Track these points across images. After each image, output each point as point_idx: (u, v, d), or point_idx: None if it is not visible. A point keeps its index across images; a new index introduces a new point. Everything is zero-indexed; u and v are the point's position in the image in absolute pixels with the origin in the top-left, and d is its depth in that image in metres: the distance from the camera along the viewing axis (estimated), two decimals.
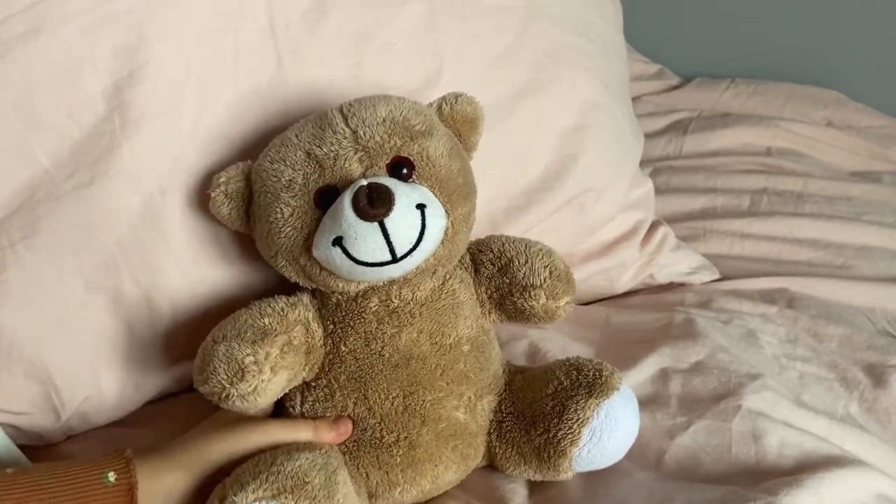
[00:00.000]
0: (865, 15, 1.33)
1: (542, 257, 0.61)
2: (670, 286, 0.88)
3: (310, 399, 0.59)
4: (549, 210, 0.79)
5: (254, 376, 0.54)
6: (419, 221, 0.54)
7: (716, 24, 1.41)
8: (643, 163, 0.91)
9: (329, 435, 0.58)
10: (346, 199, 0.53)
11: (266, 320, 0.56)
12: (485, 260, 0.62)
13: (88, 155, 0.63)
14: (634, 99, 1.19)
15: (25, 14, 0.61)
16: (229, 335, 0.55)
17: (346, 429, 0.59)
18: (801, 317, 0.81)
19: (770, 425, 0.63)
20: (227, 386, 0.54)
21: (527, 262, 0.61)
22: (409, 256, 0.54)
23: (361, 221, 0.52)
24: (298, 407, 0.60)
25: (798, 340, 0.77)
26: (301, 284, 0.60)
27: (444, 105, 0.62)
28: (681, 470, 0.61)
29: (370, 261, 0.54)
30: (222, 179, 0.60)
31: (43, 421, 0.67)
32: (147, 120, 0.64)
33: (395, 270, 0.55)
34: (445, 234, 0.57)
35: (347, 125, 0.57)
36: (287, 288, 0.62)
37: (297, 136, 0.58)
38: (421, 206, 0.54)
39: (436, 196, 0.56)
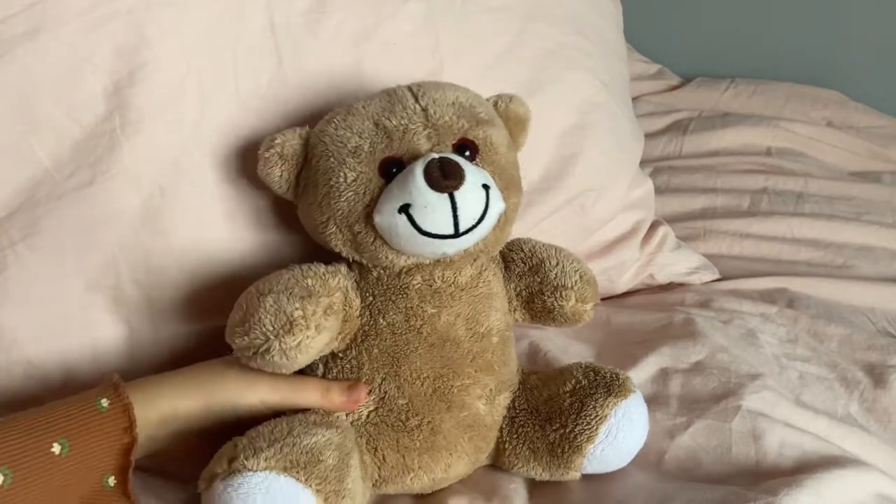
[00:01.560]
0: (866, 15, 1.33)
1: (573, 261, 0.63)
2: (670, 286, 0.88)
3: (334, 370, 0.59)
4: (549, 210, 0.79)
5: (301, 331, 0.53)
6: (484, 200, 0.55)
7: (716, 24, 1.41)
8: (643, 163, 0.92)
9: (339, 399, 0.57)
10: (419, 169, 0.53)
11: (310, 281, 0.56)
12: (515, 258, 0.63)
13: (89, 155, 0.63)
14: (634, 99, 1.19)
15: (25, 14, 0.61)
16: (276, 289, 0.54)
17: (360, 396, 0.57)
18: (801, 317, 0.81)
19: (770, 425, 0.63)
20: (272, 338, 0.52)
21: (558, 263, 0.62)
22: (468, 233, 0.55)
23: (432, 191, 0.53)
24: (320, 377, 0.59)
25: (798, 340, 0.77)
26: (344, 255, 0.59)
27: (499, 102, 0.63)
28: (681, 470, 0.61)
29: (434, 231, 0.54)
30: (278, 140, 0.59)
31: None
32: (147, 120, 0.64)
33: (451, 246, 0.56)
34: (498, 220, 0.58)
35: (418, 102, 0.58)
36: None
37: (364, 107, 0.58)
38: (486, 187, 0.55)
39: (495, 182, 0.57)
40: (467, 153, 0.57)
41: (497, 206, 0.56)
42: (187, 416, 0.55)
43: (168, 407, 0.54)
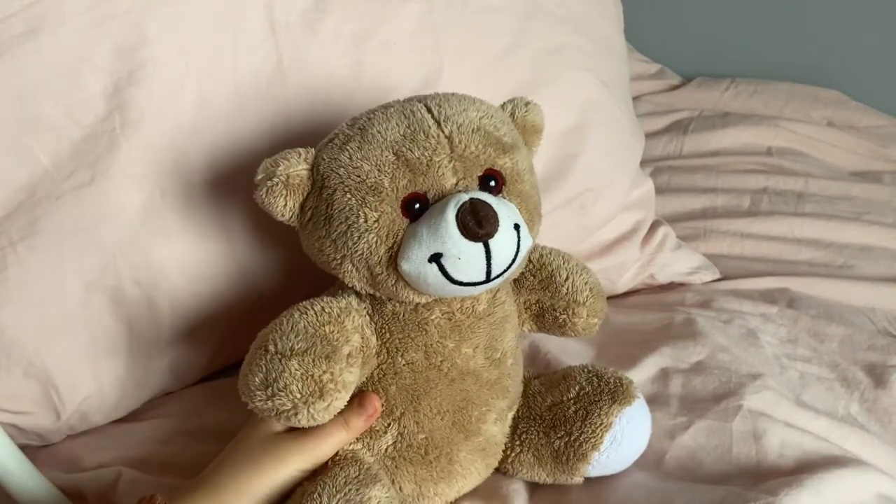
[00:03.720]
0: (866, 15, 1.33)
1: (582, 273, 0.61)
2: (671, 286, 0.88)
3: None
4: (549, 210, 0.78)
5: (331, 394, 0.50)
6: (516, 241, 0.51)
7: (716, 24, 1.41)
8: (643, 162, 0.91)
9: (359, 423, 0.54)
10: (451, 215, 0.49)
11: (327, 328, 0.52)
12: (524, 270, 0.61)
13: (88, 154, 0.63)
14: (635, 98, 1.19)
15: (24, 14, 0.61)
16: (298, 348, 0.51)
17: (375, 408, 0.55)
18: (802, 317, 0.81)
19: (771, 425, 0.63)
20: (300, 405, 0.50)
21: (568, 277, 0.60)
22: (499, 277, 0.52)
23: (467, 241, 0.49)
24: None
25: (798, 340, 0.77)
26: (358, 289, 0.55)
27: (516, 112, 0.59)
28: (681, 470, 0.61)
29: (466, 280, 0.51)
30: (281, 168, 0.52)
31: (43, 420, 0.67)
32: (147, 119, 0.64)
33: (480, 290, 0.53)
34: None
35: (441, 129, 0.53)
36: (295, 289, 0.61)
37: (380, 132, 0.53)
38: (516, 226, 0.51)
39: (521, 214, 0.54)
40: (493, 184, 0.54)
41: (527, 243, 0.52)
42: None
43: None
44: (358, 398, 0.55)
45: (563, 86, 0.80)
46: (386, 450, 0.56)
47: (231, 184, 0.67)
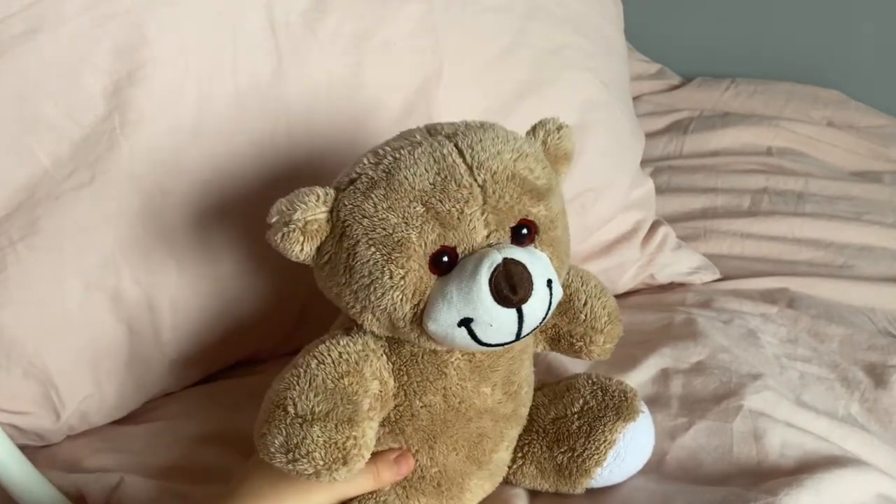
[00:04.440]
0: (866, 15, 1.33)
1: (600, 296, 0.60)
2: (671, 286, 0.88)
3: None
4: None
5: (355, 460, 0.48)
6: (549, 300, 0.49)
7: (716, 24, 1.41)
8: (644, 162, 0.91)
9: (390, 476, 0.54)
10: (483, 280, 0.46)
11: (346, 381, 0.50)
12: None
13: (88, 154, 0.63)
14: (635, 98, 1.19)
15: (24, 14, 0.61)
16: (318, 410, 0.48)
17: (409, 466, 0.54)
18: (802, 317, 0.81)
19: (771, 425, 0.63)
20: (323, 471, 0.47)
21: (587, 303, 0.59)
22: (529, 334, 0.50)
23: (500, 307, 0.47)
24: None
25: (799, 340, 0.77)
26: (375, 332, 0.52)
27: (548, 140, 0.55)
28: (682, 471, 0.61)
29: (496, 342, 0.49)
30: (298, 214, 0.48)
31: (43, 420, 0.67)
32: (147, 119, 0.64)
33: (507, 346, 0.51)
34: None
35: (474, 178, 0.49)
36: (296, 289, 0.60)
37: (408, 179, 0.48)
38: (549, 282, 0.49)
39: (552, 262, 0.51)
40: (524, 231, 0.50)
41: (557, 296, 0.50)
42: None
43: None
44: (395, 454, 0.54)
45: (563, 86, 0.80)
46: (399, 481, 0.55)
47: (231, 184, 0.66)
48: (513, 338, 0.49)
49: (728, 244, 0.95)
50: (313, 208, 0.49)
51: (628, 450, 0.58)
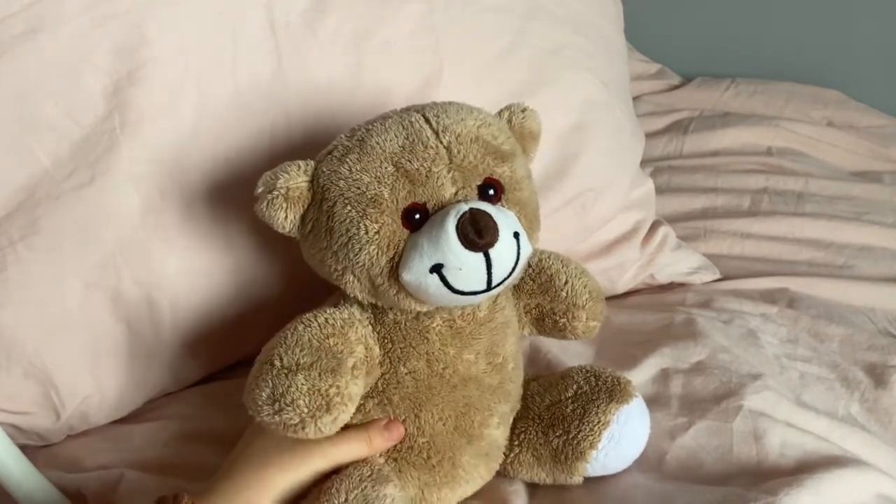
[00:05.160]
0: (866, 14, 1.33)
1: (581, 276, 0.61)
2: (671, 286, 0.88)
3: (358, 417, 0.56)
4: (550, 210, 0.79)
5: (337, 408, 0.51)
6: (516, 250, 0.52)
7: (716, 24, 1.41)
8: (644, 162, 0.91)
9: (382, 443, 0.56)
10: (451, 226, 0.50)
11: (331, 341, 0.53)
12: (524, 275, 0.61)
13: (88, 154, 0.63)
14: (635, 98, 1.19)
15: (24, 14, 0.61)
16: (303, 362, 0.51)
17: (400, 433, 0.56)
18: (802, 317, 0.81)
19: (771, 425, 0.63)
20: (308, 419, 0.50)
21: (567, 281, 0.61)
22: (500, 285, 0.52)
23: (467, 251, 0.50)
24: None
25: (799, 340, 0.77)
26: (360, 299, 0.55)
27: (513, 118, 0.59)
28: (682, 470, 0.61)
29: (467, 290, 0.51)
30: (281, 181, 0.53)
31: (43, 420, 0.67)
32: (147, 119, 0.64)
33: (481, 298, 0.53)
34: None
35: (439, 140, 0.53)
36: (295, 289, 0.61)
37: (379, 143, 0.53)
38: (516, 235, 0.52)
39: (519, 221, 0.54)
40: (491, 192, 0.54)
41: (527, 251, 0.53)
42: None
43: None
44: (385, 422, 0.56)
45: (563, 86, 0.80)
46: (389, 451, 0.57)
47: (231, 184, 0.66)
48: (484, 286, 0.51)
49: (728, 244, 0.96)
50: (295, 177, 0.53)
51: (623, 433, 0.58)
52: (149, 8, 0.64)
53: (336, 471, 0.54)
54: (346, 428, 0.54)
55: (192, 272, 0.67)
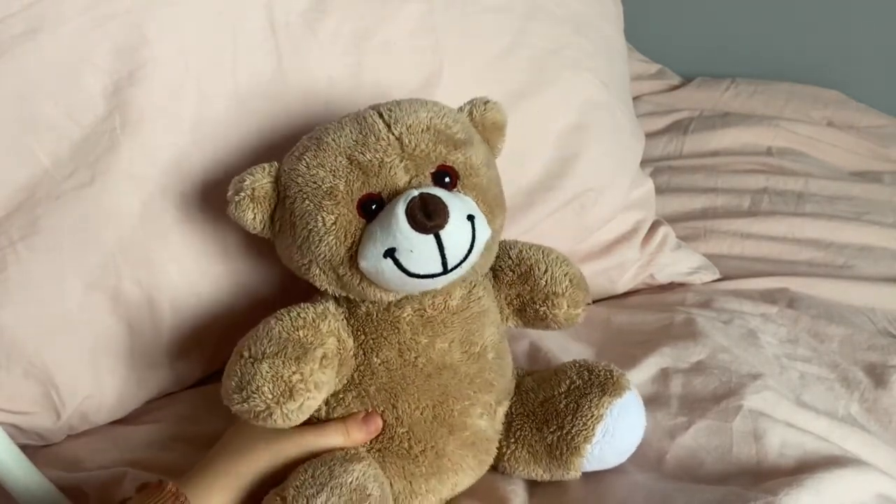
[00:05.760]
0: (866, 15, 1.33)
1: (561, 265, 0.62)
2: (671, 286, 0.88)
3: (339, 410, 0.58)
4: (550, 210, 0.79)
5: (301, 394, 0.52)
6: (470, 232, 0.53)
7: (716, 24, 1.41)
8: (643, 162, 0.91)
9: (360, 436, 0.57)
10: (400, 210, 0.51)
11: (301, 333, 0.54)
12: (503, 266, 0.62)
13: (88, 154, 0.63)
14: (635, 99, 1.19)
15: (24, 14, 0.61)
16: (269, 351, 0.53)
17: (377, 425, 0.57)
18: (802, 317, 0.81)
19: (771, 425, 0.63)
20: (273, 405, 0.52)
21: (547, 270, 0.61)
22: (458, 267, 0.53)
23: (417, 233, 0.51)
24: (324, 418, 0.58)
25: (799, 340, 0.77)
26: (331, 292, 0.57)
27: (474, 111, 0.61)
28: (682, 470, 0.61)
29: (422, 273, 0.52)
30: (247, 182, 0.56)
31: (43, 420, 0.67)
32: (147, 119, 0.64)
33: (441, 282, 0.54)
34: (486, 246, 0.56)
35: (391, 131, 0.55)
36: (293, 288, 0.61)
37: (334, 140, 0.55)
38: (471, 217, 0.53)
39: (478, 206, 0.55)
40: (447, 180, 0.56)
41: (483, 234, 0.54)
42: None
43: None
44: (363, 415, 0.57)
45: (563, 86, 0.80)
46: (371, 443, 0.58)
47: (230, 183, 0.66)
48: (440, 268, 0.52)
49: (728, 244, 0.96)
50: (260, 177, 0.56)
51: (617, 426, 0.58)
52: (149, 8, 0.64)
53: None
54: (327, 422, 0.56)
55: (192, 272, 0.67)
